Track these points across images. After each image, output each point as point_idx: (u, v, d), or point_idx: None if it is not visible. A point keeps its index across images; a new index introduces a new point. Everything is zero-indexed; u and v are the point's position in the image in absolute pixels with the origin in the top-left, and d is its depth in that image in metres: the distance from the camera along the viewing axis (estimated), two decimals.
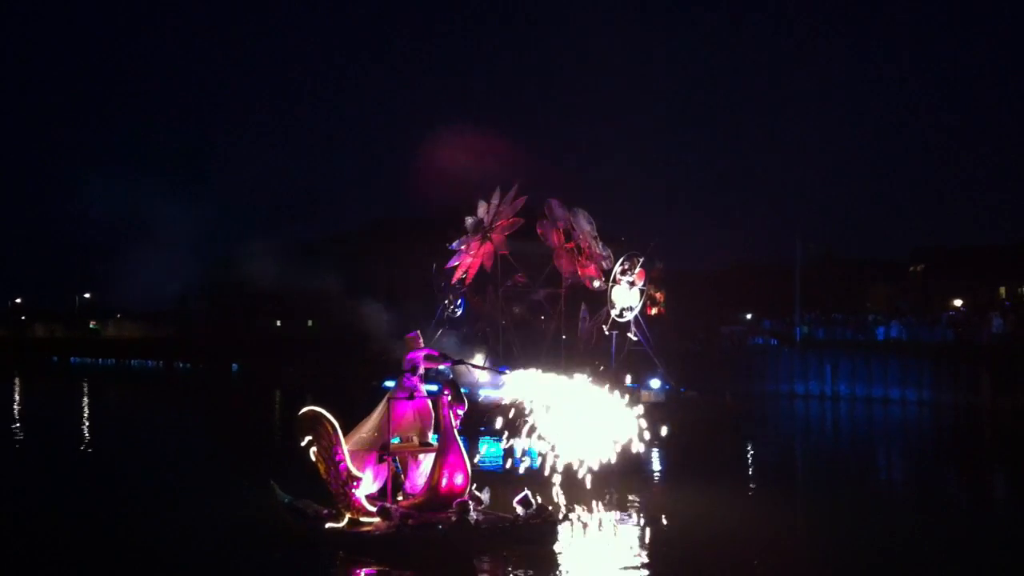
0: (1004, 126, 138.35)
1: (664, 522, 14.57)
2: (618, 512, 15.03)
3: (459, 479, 12.46)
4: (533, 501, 12.37)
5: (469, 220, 30.68)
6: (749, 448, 23.77)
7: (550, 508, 12.48)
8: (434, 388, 14.54)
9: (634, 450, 12.21)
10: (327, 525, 12.44)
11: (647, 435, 12.27)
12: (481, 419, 15.39)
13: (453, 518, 11.91)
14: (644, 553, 12.66)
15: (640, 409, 12.50)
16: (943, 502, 17.47)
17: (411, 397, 13.03)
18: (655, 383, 27.57)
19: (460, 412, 12.67)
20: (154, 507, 15.11)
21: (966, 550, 13.14)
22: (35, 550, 12.54)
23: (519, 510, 12.34)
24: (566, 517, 13.38)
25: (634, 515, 14.97)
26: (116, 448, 23.34)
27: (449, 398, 12.61)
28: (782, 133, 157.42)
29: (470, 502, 12.22)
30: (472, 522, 11.91)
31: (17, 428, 28.40)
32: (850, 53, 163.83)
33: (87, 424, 30.25)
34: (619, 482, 17.24)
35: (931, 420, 30.96)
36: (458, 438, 12.58)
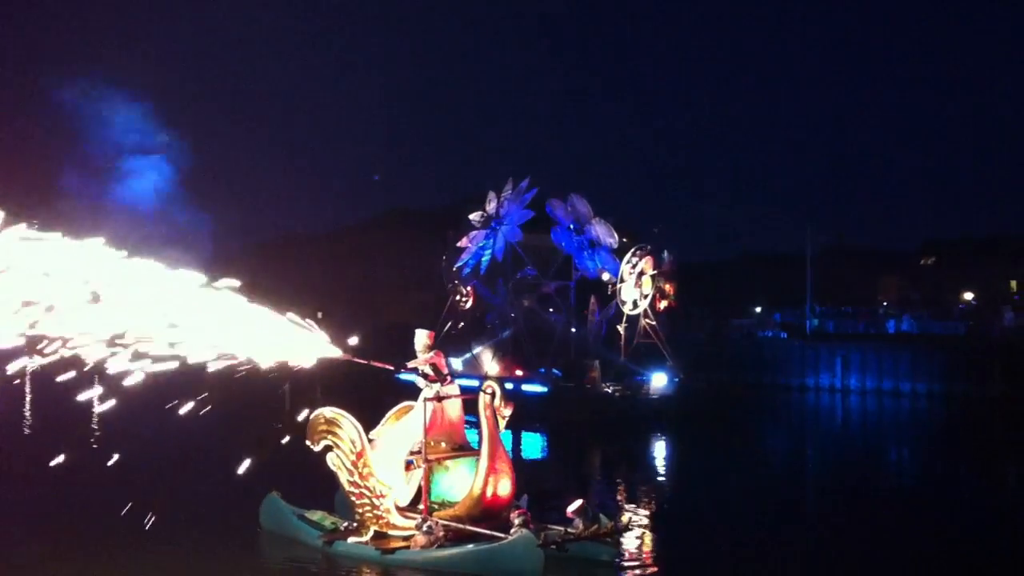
0: (1017, 117, 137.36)
1: (708, 528, 13.76)
2: (661, 517, 14.30)
3: (504, 488, 11.02)
4: (591, 511, 11.22)
5: (475, 216, 30.66)
6: (764, 444, 23.78)
7: (605, 518, 11.24)
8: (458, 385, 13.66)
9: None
10: (349, 540, 11.26)
11: None
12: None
13: (512, 532, 10.42)
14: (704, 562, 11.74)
15: None
16: (960, 492, 17.42)
17: (439, 399, 11.65)
18: (661, 376, 27.51)
19: (507, 413, 11.22)
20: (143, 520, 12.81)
21: (982, 541, 13.08)
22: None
23: (578, 522, 10.96)
24: (627, 527, 11.95)
25: (677, 520, 14.29)
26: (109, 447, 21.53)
27: (492, 398, 11.15)
28: (793, 124, 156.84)
29: (528, 514, 10.87)
30: (541, 539, 10.46)
31: (26, 421, 28.37)
32: (862, 42, 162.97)
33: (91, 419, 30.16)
34: (647, 484, 17.23)
35: (943, 412, 30.85)
36: (503, 442, 11.24)
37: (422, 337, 12.05)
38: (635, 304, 28.05)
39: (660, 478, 19.12)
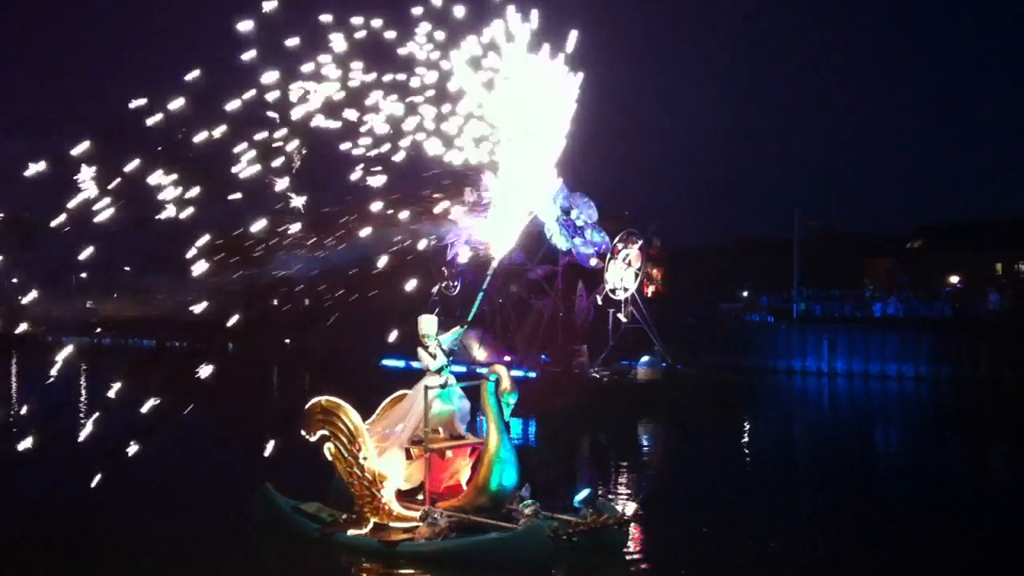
0: (1005, 103, 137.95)
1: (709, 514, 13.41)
2: (663, 505, 14.14)
3: (510, 478, 10.79)
4: (597, 500, 11.04)
5: (457, 208, 30.23)
6: (753, 427, 23.84)
7: (612, 507, 11.07)
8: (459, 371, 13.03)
9: None
10: (349, 532, 10.96)
11: None
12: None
13: (521, 522, 10.32)
14: (722, 551, 11.39)
15: None
16: (948, 474, 17.54)
17: (444, 386, 11.37)
18: (644, 359, 27.48)
19: (512, 401, 10.93)
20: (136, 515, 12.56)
21: (974, 521, 13.20)
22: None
23: (585, 511, 10.76)
24: (636, 516, 11.78)
25: (678, 507, 14.05)
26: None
27: (496, 384, 10.93)
28: (781, 108, 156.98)
29: (539, 504, 10.68)
30: (551, 530, 10.21)
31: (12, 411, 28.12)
32: (849, 25, 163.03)
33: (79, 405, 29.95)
34: (644, 470, 17.12)
35: (930, 394, 31.07)
36: (507, 430, 10.99)
37: (432, 322, 11.72)
38: (616, 290, 27.98)
39: (656, 464, 19.08)
